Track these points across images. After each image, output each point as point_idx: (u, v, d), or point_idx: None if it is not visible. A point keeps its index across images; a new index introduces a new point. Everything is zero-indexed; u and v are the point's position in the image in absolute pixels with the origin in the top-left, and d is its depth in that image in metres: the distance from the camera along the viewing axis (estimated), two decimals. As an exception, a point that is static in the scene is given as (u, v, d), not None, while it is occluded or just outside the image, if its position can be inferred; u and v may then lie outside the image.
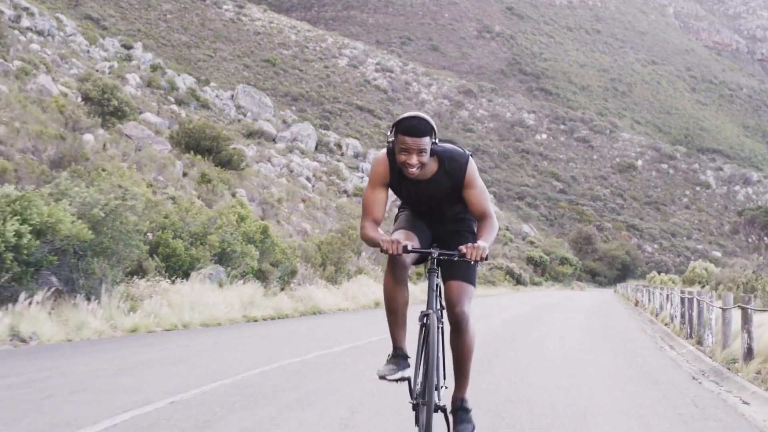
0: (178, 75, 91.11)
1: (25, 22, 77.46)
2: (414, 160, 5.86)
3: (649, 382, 11.23)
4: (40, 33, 78.46)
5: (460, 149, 6.15)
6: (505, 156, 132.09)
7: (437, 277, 6.01)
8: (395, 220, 6.54)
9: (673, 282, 61.94)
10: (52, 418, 7.21)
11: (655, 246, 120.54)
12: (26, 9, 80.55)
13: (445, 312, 6.12)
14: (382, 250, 5.83)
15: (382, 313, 23.00)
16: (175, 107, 74.67)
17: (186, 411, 7.79)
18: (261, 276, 25.23)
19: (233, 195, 33.73)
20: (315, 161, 77.49)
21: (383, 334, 13.40)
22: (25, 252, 15.21)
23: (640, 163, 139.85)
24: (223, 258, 23.60)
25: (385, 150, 6.21)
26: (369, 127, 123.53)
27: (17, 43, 64.77)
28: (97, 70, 74.29)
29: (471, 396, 6.17)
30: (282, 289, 26.33)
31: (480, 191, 6.14)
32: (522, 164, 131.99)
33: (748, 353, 11.64)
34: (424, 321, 5.90)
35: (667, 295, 26.78)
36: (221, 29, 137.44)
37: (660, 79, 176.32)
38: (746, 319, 11.72)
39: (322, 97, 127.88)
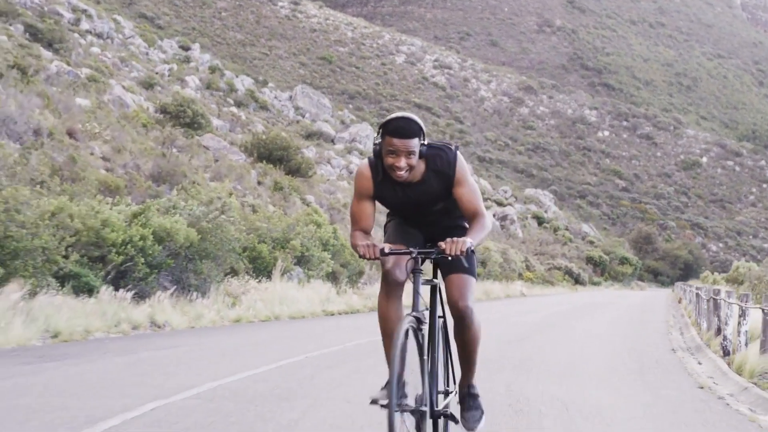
0: (237, 76, 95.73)
1: (85, 24, 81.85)
2: (402, 162, 5.91)
3: (635, 350, 15.92)
4: (99, 36, 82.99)
5: (448, 145, 6.21)
6: (566, 154, 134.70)
7: (421, 276, 6.03)
8: (384, 231, 6.65)
9: (720, 281, 65.53)
10: (195, 374, 11.82)
11: (720, 245, 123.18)
12: (84, 11, 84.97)
13: (437, 316, 6.25)
14: (359, 256, 5.92)
15: None
16: (234, 109, 79.17)
17: (295, 370, 12.33)
18: (332, 276, 29.86)
19: (303, 201, 38.50)
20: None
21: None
22: (150, 256, 19.96)
23: (705, 160, 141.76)
24: (302, 260, 28.28)
25: (366, 160, 6.28)
26: (427, 125, 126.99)
27: (78, 47, 69.55)
28: (156, 73, 79.26)
29: (507, 358, 9.11)
30: (351, 288, 30.93)
31: (471, 189, 6.19)
32: (584, 162, 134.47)
33: (717, 332, 16.15)
34: (407, 324, 5.76)
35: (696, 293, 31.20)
36: (277, 27, 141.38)
37: (726, 73, 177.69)
38: (716, 307, 16.23)
39: (379, 95, 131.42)
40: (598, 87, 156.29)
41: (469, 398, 6.44)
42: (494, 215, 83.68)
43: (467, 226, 6.38)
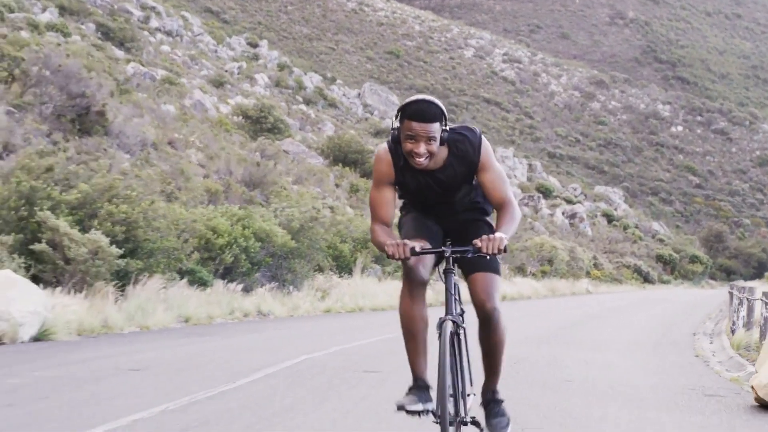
0: (305, 74, 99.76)
1: (154, 22, 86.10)
2: (422, 148, 5.78)
3: (662, 334, 20.06)
4: (168, 33, 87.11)
5: (470, 128, 6.10)
6: (638, 149, 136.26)
7: (455, 277, 5.95)
8: (399, 227, 6.43)
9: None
10: (316, 343, 16.10)
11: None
12: (153, 8, 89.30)
13: (465, 315, 6.16)
14: (388, 256, 5.74)
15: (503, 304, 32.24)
16: (303, 107, 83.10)
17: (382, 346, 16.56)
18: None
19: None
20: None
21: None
22: (252, 254, 24.34)
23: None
24: (379, 259, 32.55)
25: (384, 144, 6.13)
26: (496, 121, 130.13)
27: (148, 45, 73.98)
28: (226, 71, 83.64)
29: (555, 337, 12.91)
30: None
31: (497, 175, 6.07)
32: (656, 158, 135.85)
33: (734, 324, 20.20)
34: (440, 328, 5.82)
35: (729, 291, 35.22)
36: (343, 20, 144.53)
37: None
38: (731, 300, 20.27)
39: (447, 89, 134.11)
40: (671, 81, 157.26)
41: (493, 404, 6.32)
42: (563, 213, 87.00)
43: (487, 218, 6.40)
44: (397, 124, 5.90)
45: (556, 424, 8.22)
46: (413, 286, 6.01)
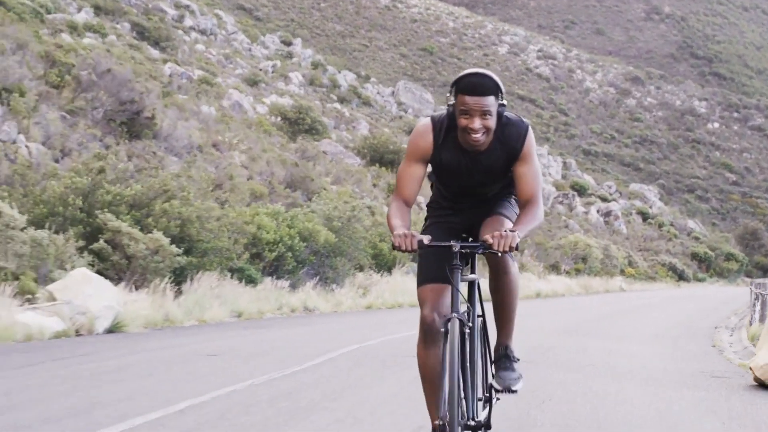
0: (339, 72, 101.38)
1: (188, 21, 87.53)
2: (477, 123, 5.67)
3: (685, 326, 21.77)
4: (202, 32, 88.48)
5: (520, 117, 6.00)
6: (674, 146, 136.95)
7: (461, 273, 5.78)
8: (423, 228, 6.36)
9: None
10: (365, 334, 17.82)
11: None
12: (187, 7, 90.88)
13: (475, 315, 6.11)
14: (393, 247, 5.64)
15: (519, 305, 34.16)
16: (338, 105, 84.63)
17: (415, 339, 18.28)
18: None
19: (416, 203, 44.44)
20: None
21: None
22: (297, 253, 26.10)
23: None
24: (416, 257, 34.22)
25: (428, 119, 6.04)
26: (531, 118, 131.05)
27: (183, 45, 75.59)
28: (260, 70, 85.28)
29: (583, 329, 14.91)
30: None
31: (534, 170, 5.98)
32: (692, 155, 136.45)
33: (752, 318, 21.80)
34: (446, 327, 5.64)
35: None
36: (376, 17, 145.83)
37: None
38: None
39: None
40: (708, 77, 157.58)
41: (505, 359, 6.32)
42: (598, 211, 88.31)
43: (511, 201, 6.30)
44: (452, 99, 5.81)
45: (578, 397, 9.90)
46: (428, 336, 5.92)
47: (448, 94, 5.86)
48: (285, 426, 7.52)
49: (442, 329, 5.66)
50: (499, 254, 5.71)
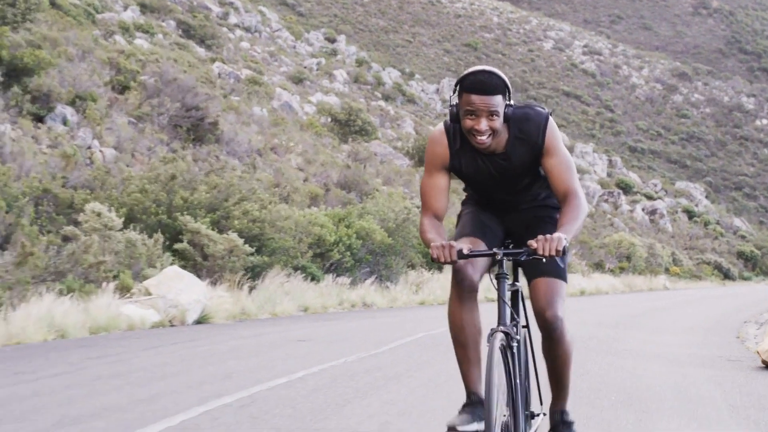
0: (383, 69, 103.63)
1: (233, 18, 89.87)
2: (483, 125, 5.50)
3: (717, 321, 24.18)
4: (247, 29, 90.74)
5: (536, 106, 5.81)
6: (722, 143, 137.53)
7: (508, 282, 5.65)
8: (457, 222, 6.21)
9: None
10: (428, 326, 20.32)
11: None
12: (231, 3, 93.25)
13: (520, 326, 5.89)
14: (432, 259, 5.44)
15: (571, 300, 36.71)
16: (382, 103, 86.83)
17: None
18: (491, 269, 38.25)
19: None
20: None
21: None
22: (354, 251, 28.62)
23: None
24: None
25: (441, 124, 5.87)
26: (576, 114, 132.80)
27: (228, 42, 77.94)
28: (305, 68, 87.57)
29: (623, 323, 17.40)
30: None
31: (563, 161, 5.75)
32: (740, 152, 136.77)
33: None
34: (491, 340, 5.44)
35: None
36: (420, 12, 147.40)
37: None
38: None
39: (526, 82, 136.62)
40: (756, 72, 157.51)
41: (562, 426, 6.09)
42: (643, 209, 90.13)
43: (552, 203, 6.12)
44: (455, 99, 5.63)
45: (611, 372, 12.34)
46: (462, 290, 5.75)
47: (451, 94, 5.64)
48: (385, 387, 10.02)
49: (487, 344, 5.42)
50: (544, 259, 5.40)
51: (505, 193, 5.98)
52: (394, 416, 8.41)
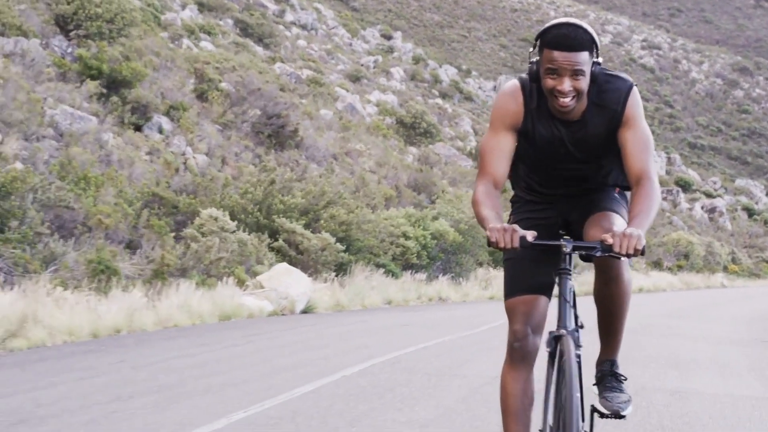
0: (440, 66, 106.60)
1: (289, 16, 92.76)
2: (566, 85, 5.05)
3: (761, 314, 27.51)
4: (303, 27, 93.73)
5: (621, 75, 5.47)
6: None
7: (570, 280, 5.17)
8: (512, 207, 5.87)
9: None
10: (496, 316, 23.92)
11: None
12: (287, 1, 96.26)
13: (582, 333, 5.26)
14: (489, 244, 4.93)
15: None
16: (440, 101, 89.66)
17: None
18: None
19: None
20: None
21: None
22: (429, 250, 32.28)
23: None
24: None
25: (515, 79, 5.43)
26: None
27: (285, 41, 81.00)
28: (362, 65, 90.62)
29: (676, 314, 21.07)
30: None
31: (642, 137, 5.24)
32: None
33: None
34: (555, 347, 5.11)
35: None
36: (475, 7, 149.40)
37: None
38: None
39: None
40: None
41: (611, 378, 5.70)
42: (702, 207, 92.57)
43: (616, 208, 5.58)
44: (535, 57, 5.23)
45: (660, 348, 15.91)
46: (517, 356, 5.41)
47: (531, 50, 5.25)
48: (488, 353, 13.66)
49: (548, 349, 5.16)
50: (621, 258, 4.91)
51: (575, 168, 5.51)
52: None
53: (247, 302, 21.43)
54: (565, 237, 5.51)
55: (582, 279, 24.63)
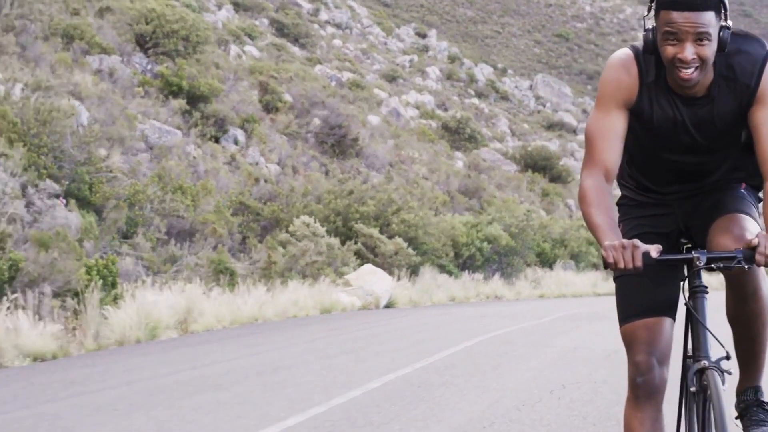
0: (476, 65, 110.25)
1: (323, 15, 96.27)
2: (688, 51, 4.33)
3: None
4: (338, 26, 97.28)
5: (756, 40, 4.61)
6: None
7: (706, 299, 4.60)
8: (619, 212, 5.11)
9: None
10: (552, 311, 28.75)
11: None
12: None
13: (727, 362, 4.57)
14: (605, 265, 4.28)
15: None
16: (476, 101, 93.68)
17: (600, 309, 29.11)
18: (597, 266, 46.56)
19: (565, 205, 55.48)
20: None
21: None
22: (484, 252, 37.15)
23: None
24: (574, 256, 45.05)
25: (627, 48, 4.79)
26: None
27: (321, 40, 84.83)
28: (397, 65, 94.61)
29: None
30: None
31: None
32: None
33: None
34: (699, 382, 4.52)
35: None
36: (510, 2, 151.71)
37: None
38: None
39: None
40: None
41: (757, 409, 5.03)
42: None
43: (745, 208, 4.88)
44: (650, 23, 4.53)
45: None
46: (637, 389, 4.75)
47: (645, 14, 4.58)
48: (558, 337, 18.39)
49: (693, 388, 4.57)
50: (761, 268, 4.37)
51: (698, 159, 4.82)
52: (582, 341, 16.86)
53: (341, 298, 26.28)
54: (688, 246, 5.03)
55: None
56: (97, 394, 10.66)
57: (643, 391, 4.68)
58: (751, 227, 4.69)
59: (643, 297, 4.76)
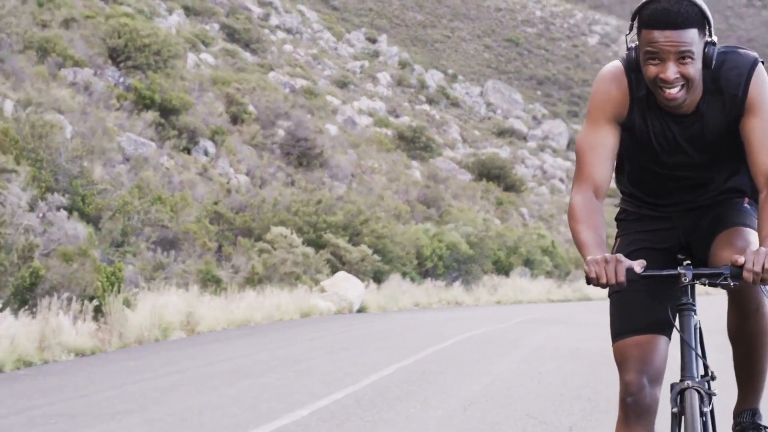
0: (426, 71, 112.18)
1: (273, 19, 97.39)
2: (671, 71, 4.40)
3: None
4: (288, 31, 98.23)
5: (739, 49, 4.71)
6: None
7: (694, 317, 4.58)
8: (618, 226, 5.20)
9: None
10: (516, 315, 31.74)
11: None
12: (270, 3, 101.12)
13: (714, 384, 4.84)
14: (588, 281, 4.38)
15: None
16: (426, 107, 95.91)
17: (533, 319, 32.02)
18: (551, 274, 49.61)
19: (519, 214, 58.50)
20: (567, 161, 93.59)
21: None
22: (444, 259, 40.11)
23: None
24: (528, 262, 48.06)
25: (617, 61, 4.80)
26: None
27: (272, 45, 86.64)
28: (348, 71, 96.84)
29: None
30: (565, 283, 50.58)
31: None
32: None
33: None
34: (681, 403, 4.48)
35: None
36: (459, 6, 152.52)
37: None
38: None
39: (570, 80, 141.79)
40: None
41: None
42: None
43: (746, 220, 4.91)
44: (632, 41, 4.63)
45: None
46: (634, 407, 4.77)
47: (628, 33, 4.69)
48: (526, 337, 21.25)
49: (674, 409, 4.48)
50: (761, 286, 4.48)
51: (692, 175, 4.85)
52: (547, 341, 19.72)
53: (318, 303, 29.08)
54: (686, 263, 4.96)
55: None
56: (159, 380, 13.44)
57: (633, 411, 4.69)
58: (755, 241, 4.65)
59: (636, 314, 4.79)
